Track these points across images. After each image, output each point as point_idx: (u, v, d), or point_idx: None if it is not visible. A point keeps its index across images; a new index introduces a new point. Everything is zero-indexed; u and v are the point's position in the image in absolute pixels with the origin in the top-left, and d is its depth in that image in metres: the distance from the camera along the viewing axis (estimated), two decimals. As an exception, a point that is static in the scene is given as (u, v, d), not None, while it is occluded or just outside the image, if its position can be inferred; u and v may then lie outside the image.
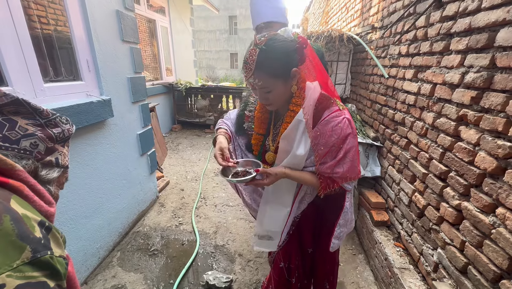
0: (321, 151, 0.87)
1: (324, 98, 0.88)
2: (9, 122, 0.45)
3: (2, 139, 0.44)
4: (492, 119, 0.97)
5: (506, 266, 0.88)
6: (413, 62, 1.58)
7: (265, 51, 0.80)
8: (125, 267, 1.79)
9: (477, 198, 1.03)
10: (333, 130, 0.84)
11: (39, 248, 0.37)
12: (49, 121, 0.50)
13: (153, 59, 4.97)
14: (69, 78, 1.57)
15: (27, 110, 0.47)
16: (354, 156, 0.87)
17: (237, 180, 0.88)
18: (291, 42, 0.85)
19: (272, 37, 0.82)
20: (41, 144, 0.48)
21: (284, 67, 0.84)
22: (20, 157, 0.45)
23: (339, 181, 0.89)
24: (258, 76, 0.83)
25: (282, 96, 0.89)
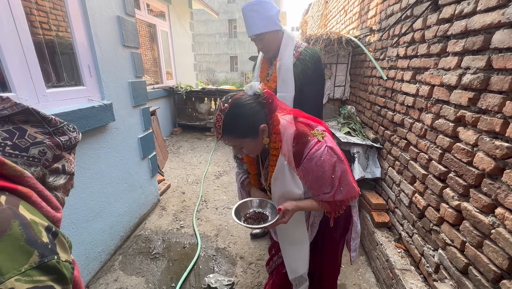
0: (315, 186, 0.90)
1: (300, 135, 0.89)
2: (19, 131, 0.47)
3: (12, 147, 0.45)
4: (489, 120, 0.98)
5: (506, 266, 0.88)
6: (411, 64, 1.60)
7: (228, 117, 0.85)
8: (126, 270, 1.79)
9: (477, 198, 1.03)
10: (318, 166, 0.86)
11: (46, 252, 0.38)
12: (57, 130, 0.52)
13: (153, 63, 5.01)
14: (71, 84, 1.59)
15: (36, 119, 0.49)
16: (348, 178, 0.90)
17: (258, 226, 0.91)
18: (256, 101, 0.88)
19: (236, 101, 0.85)
20: (49, 152, 0.50)
21: (250, 127, 0.87)
22: (29, 164, 0.47)
23: (344, 205, 0.92)
24: (226, 139, 0.89)
25: (256, 148, 0.94)
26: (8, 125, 0.47)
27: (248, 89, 0.89)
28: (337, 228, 1.09)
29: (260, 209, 1.02)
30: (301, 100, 1.60)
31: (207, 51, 18.17)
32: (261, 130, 0.88)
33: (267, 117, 0.90)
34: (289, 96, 1.59)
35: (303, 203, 0.93)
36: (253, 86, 0.88)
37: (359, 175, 1.96)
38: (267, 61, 1.69)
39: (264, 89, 0.88)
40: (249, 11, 1.43)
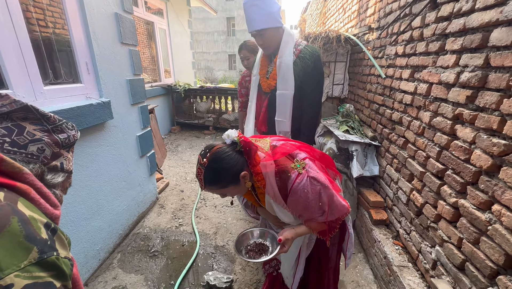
0: (306, 214, 0.93)
1: (280, 172, 0.91)
2: (17, 128, 0.46)
3: (10, 144, 0.45)
4: (487, 117, 0.99)
5: (502, 262, 0.89)
6: (410, 62, 1.60)
7: (208, 171, 0.87)
8: (125, 268, 1.79)
9: (474, 195, 1.04)
10: (303, 198, 0.89)
11: (45, 249, 0.38)
12: (56, 127, 0.52)
13: (151, 61, 4.98)
14: (69, 81, 1.58)
15: (35, 116, 0.49)
16: (336, 200, 0.92)
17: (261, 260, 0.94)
18: (234, 150, 0.90)
19: (214, 156, 0.87)
20: (47, 149, 0.50)
21: (231, 177, 0.89)
22: (27, 161, 0.46)
23: (338, 222, 0.96)
24: (209, 190, 0.92)
25: (240, 192, 0.98)
26: (7, 122, 0.46)
27: (226, 138, 0.92)
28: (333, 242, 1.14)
29: (261, 240, 1.05)
30: (301, 98, 1.61)
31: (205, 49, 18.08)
32: (242, 178, 0.90)
33: (247, 162, 0.92)
34: (289, 94, 1.59)
35: (301, 228, 0.96)
36: (230, 135, 0.91)
37: (357, 173, 1.97)
38: (266, 58, 1.69)
39: (241, 137, 0.90)
40: (250, 6, 1.42)
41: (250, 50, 2.12)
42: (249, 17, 1.46)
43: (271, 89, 1.67)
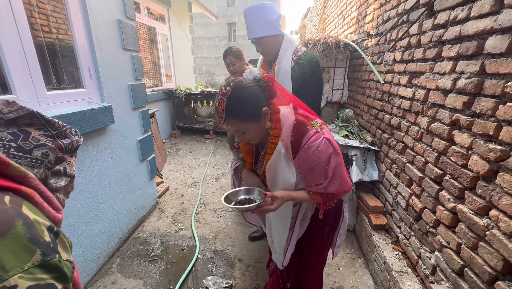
0: (309, 176, 0.90)
1: (299, 125, 0.90)
2: (23, 134, 0.48)
3: (16, 149, 0.46)
4: (483, 123, 1.00)
5: (501, 267, 0.89)
6: (408, 69, 1.62)
7: (231, 100, 0.85)
8: (124, 273, 1.79)
9: (472, 201, 1.05)
10: (315, 155, 0.87)
11: (48, 251, 0.39)
12: (60, 133, 0.53)
13: (153, 66, 5.03)
14: (71, 86, 1.60)
15: (40, 122, 0.50)
16: (341, 171, 0.91)
17: (243, 207, 0.88)
18: (257, 84, 0.88)
19: (238, 85, 0.86)
20: (51, 154, 0.51)
21: (253, 110, 0.87)
22: (32, 166, 0.48)
23: (335, 198, 0.94)
24: (229, 123, 0.89)
25: (258, 133, 0.93)
26: (13, 128, 0.48)
27: (248, 74, 0.90)
28: (327, 223, 1.10)
29: (248, 195, 1.00)
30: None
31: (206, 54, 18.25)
32: (263, 114, 0.88)
33: (268, 102, 0.91)
34: None
35: (294, 193, 0.93)
36: (252, 72, 0.89)
37: (357, 177, 1.97)
38: (267, 64, 1.71)
39: (263, 73, 0.89)
40: (250, 15, 1.46)
41: (236, 56, 2.18)
42: (249, 25, 1.49)
43: None
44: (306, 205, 1.05)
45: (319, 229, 1.10)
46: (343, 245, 2.06)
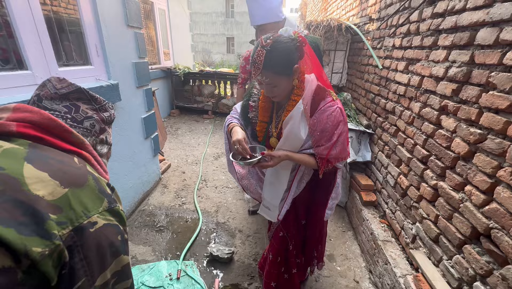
0: (317, 135, 1.01)
1: (320, 90, 1.01)
2: (74, 107, 0.57)
3: (71, 120, 0.55)
4: (467, 109, 1.11)
5: (469, 233, 1.05)
6: (405, 55, 1.70)
7: (270, 52, 0.91)
8: (134, 240, 1.94)
9: (451, 178, 1.19)
10: (328, 118, 0.99)
11: (111, 200, 0.49)
12: (102, 107, 0.62)
13: (149, 42, 4.92)
14: (80, 63, 1.63)
15: (86, 97, 0.59)
16: (344, 139, 1.03)
17: (245, 162, 1.00)
18: (292, 42, 0.95)
19: (277, 39, 0.93)
20: (97, 125, 0.60)
21: (287, 65, 0.95)
22: (85, 135, 0.57)
23: (333, 161, 1.06)
24: (265, 74, 0.95)
25: (286, 89, 1.02)
26: (66, 102, 0.56)
27: (283, 32, 0.96)
28: (322, 186, 1.23)
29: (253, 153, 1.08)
30: None
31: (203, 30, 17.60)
32: (294, 70, 0.96)
33: (298, 61, 0.98)
34: None
35: (294, 154, 1.03)
36: (287, 31, 0.97)
37: (351, 158, 2.11)
38: None
39: (298, 34, 0.97)
40: (251, 2, 1.49)
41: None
42: (251, 12, 1.53)
43: None
44: (303, 169, 1.16)
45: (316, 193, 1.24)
46: (335, 220, 2.25)
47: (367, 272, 1.74)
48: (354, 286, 1.64)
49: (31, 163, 0.42)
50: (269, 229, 1.48)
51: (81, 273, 0.40)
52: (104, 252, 0.44)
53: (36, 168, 0.41)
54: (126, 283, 0.48)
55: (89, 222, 0.43)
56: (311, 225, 1.33)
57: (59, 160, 0.46)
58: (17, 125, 0.47)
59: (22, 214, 0.36)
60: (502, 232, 0.91)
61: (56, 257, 0.38)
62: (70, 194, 0.42)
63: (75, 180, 0.45)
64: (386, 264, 1.46)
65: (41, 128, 0.49)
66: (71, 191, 0.43)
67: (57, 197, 0.41)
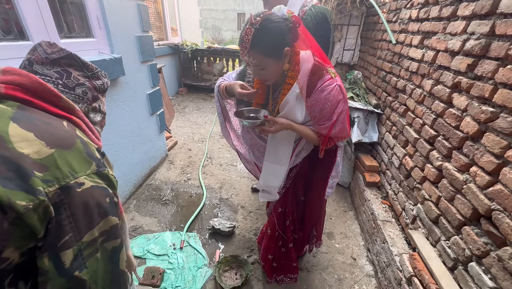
0: (317, 116, 0.98)
1: (317, 69, 0.95)
2: (65, 73, 0.56)
3: (63, 85, 0.55)
4: (481, 86, 1.04)
5: (470, 214, 1.02)
6: (421, 28, 1.57)
7: (259, 31, 0.84)
8: (141, 212, 2.03)
9: (457, 159, 1.14)
10: (326, 98, 0.94)
11: (100, 164, 0.50)
12: (94, 74, 0.61)
13: (157, 17, 4.80)
14: (82, 35, 1.62)
15: (77, 64, 0.58)
16: (344, 118, 0.99)
17: (249, 121, 0.98)
18: (285, 22, 0.88)
19: (267, 17, 0.85)
20: (89, 92, 0.60)
21: (277, 47, 0.88)
22: (77, 101, 0.57)
23: (334, 140, 1.03)
24: (252, 54, 0.89)
25: (275, 73, 0.96)
26: (57, 68, 0.56)
27: (276, 11, 0.90)
28: (323, 166, 1.21)
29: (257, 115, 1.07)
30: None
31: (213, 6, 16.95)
32: (285, 54, 0.90)
33: (291, 43, 0.90)
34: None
35: (297, 125, 1.00)
36: (281, 9, 0.89)
37: (357, 138, 2.06)
38: None
39: (292, 13, 0.89)
40: None
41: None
42: None
43: None
44: (303, 143, 1.14)
45: (316, 170, 1.22)
46: (337, 199, 2.26)
47: (365, 250, 1.77)
48: (351, 263, 1.67)
49: (16, 122, 0.42)
50: (268, 205, 1.50)
51: (67, 228, 0.42)
52: (91, 212, 0.46)
53: (22, 127, 0.42)
54: (115, 242, 0.50)
55: (76, 182, 0.44)
56: (310, 203, 1.34)
57: (46, 122, 0.47)
58: (5, 87, 0.47)
59: (6, 169, 0.38)
60: (504, 213, 0.88)
61: (41, 212, 0.39)
62: (56, 154, 0.43)
63: (62, 141, 0.45)
64: (384, 242, 1.47)
65: (30, 91, 0.49)
66: (58, 152, 0.44)
67: (43, 156, 0.42)
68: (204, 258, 1.65)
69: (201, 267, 1.59)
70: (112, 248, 0.50)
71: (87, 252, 0.44)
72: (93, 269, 0.45)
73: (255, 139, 1.26)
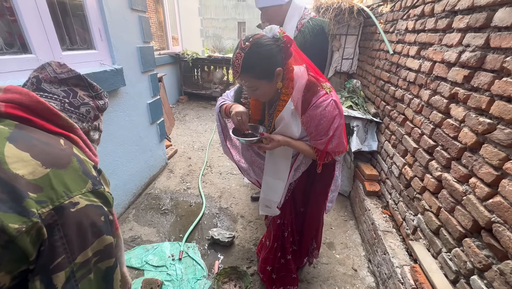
0: (313, 132, 0.99)
1: (311, 85, 0.95)
2: (72, 92, 0.58)
3: (69, 104, 0.57)
4: (478, 97, 1.05)
5: (470, 226, 1.01)
6: (418, 39, 1.60)
7: (249, 56, 0.86)
8: (140, 222, 2.02)
9: (456, 170, 1.14)
10: (321, 114, 0.94)
11: (96, 182, 0.50)
12: (98, 94, 0.63)
13: (158, 27, 4.88)
14: (83, 47, 1.64)
15: (84, 84, 0.60)
16: (341, 133, 1.00)
17: (245, 139, 0.99)
18: (275, 43, 0.89)
19: (257, 41, 0.87)
20: (92, 112, 0.61)
21: (268, 69, 0.90)
22: (81, 120, 0.58)
23: (331, 154, 1.04)
24: (243, 78, 0.91)
25: (268, 92, 0.97)
26: (64, 87, 0.58)
27: (268, 31, 0.89)
28: (321, 180, 1.21)
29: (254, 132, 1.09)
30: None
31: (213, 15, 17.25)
32: (277, 74, 0.91)
33: (283, 62, 0.92)
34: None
35: (294, 141, 1.01)
36: (273, 29, 0.90)
37: (356, 147, 2.06)
38: None
39: (283, 33, 0.90)
40: None
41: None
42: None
43: None
44: (301, 158, 1.15)
45: (315, 184, 1.22)
46: (338, 209, 2.24)
47: (366, 261, 1.74)
48: (352, 274, 1.65)
49: (13, 143, 0.43)
50: (267, 216, 1.50)
51: (60, 250, 0.42)
52: (85, 232, 0.45)
53: (18, 147, 0.42)
54: (109, 261, 0.50)
55: (71, 202, 0.44)
56: (309, 216, 1.33)
57: (44, 141, 0.47)
58: (5, 106, 0.48)
59: (0, 191, 0.38)
60: (504, 226, 0.87)
61: (34, 234, 0.39)
62: (52, 174, 0.43)
63: (57, 160, 0.46)
64: (385, 254, 1.45)
65: (29, 110, 0.50)
66: (53, 172, 0.44)
67: (38, 177, 0.42)
68: (203, 269, 1.63)
69: (200, 279, 1.56)
70: (106, 268, 0.49)
71: (79, 273, 0.44)
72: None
73: (254, 157, 1.27)
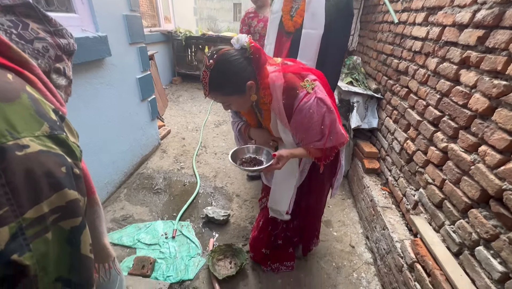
0: (306, 136, 0.93)
1: (289, 89, 0.88)
2: (21, 23, 0.46)
3: (17, 36, 0.45)
4: (493, 59, 0.96)
5: (477, 196, 0.96)
6: (426, 4, 1.48)
7: (215, 74, 0.81)
8: (131, 201, 1.95)
9: (464, 139, 1.07)
10: (307, 118, 0.88)
11: (55, 127, 0.41)
12: (57, 31, 0.51)
13: (150, 6, 4.61)
14: (62, 9, 1.49)
15: (37, 15, 0.48)
16: (337, 126, 0.93)
17: (257, 168, 0.92)
18: (243, 56, 0.83)
19: (222, 57, 0.80)
20: (51, 50, 0.50)
21: (237, 84, 0.84)
22: (35, 56, 0.47)
23: (334, 151, 0.98)
24: (213, 96, 0.87)
25: (244, 105, 0.93)
26: (10, 16, 0.46)
27: (235, 42, 0.83)
28: (325, 172, 1.14)
29: (256, 155, 1.04)
30: (327, 39, 1.45)
31: (208, -5, 16.52)
32: (248, 87, 0.86)
33: (255, 73, 0.86)
34: (317, 34, 1.44)
35: (297, 150, 0.97)
36: (239, 39, 0.82)
37: (356, 124, 1.99)
38: None
39: (251, 43, 0.82)
40: None
41: None
42: None
43: (296, 28, 1.50)
44: (305, 159, 1.10)
45: (317, 178, 1.17)
46: (335, 188, 2.20)
47: (363, 238, 1.71)
48: (349, 251, 1.62)
49: None
50: (260, 200, 1.45)
51: (3, 200, 0.33)
52: (38, 182, 0.36)
53: None
54: (74, 221, 0.41)
55: (16, 144, 0.35)
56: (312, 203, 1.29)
57: None
58: None
59: None
60: (517, 193, 0.81)
61: None
62: None
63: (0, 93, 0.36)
64: (384, 229, 1.42)
65: None
66: None
67: None
68: (197, 247, 1.58)
69: (194, 256, 1.52)
70: (71, 228, 0.41)
71: (31, 231, 0.35)
72: (41, 253, 0.36)
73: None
